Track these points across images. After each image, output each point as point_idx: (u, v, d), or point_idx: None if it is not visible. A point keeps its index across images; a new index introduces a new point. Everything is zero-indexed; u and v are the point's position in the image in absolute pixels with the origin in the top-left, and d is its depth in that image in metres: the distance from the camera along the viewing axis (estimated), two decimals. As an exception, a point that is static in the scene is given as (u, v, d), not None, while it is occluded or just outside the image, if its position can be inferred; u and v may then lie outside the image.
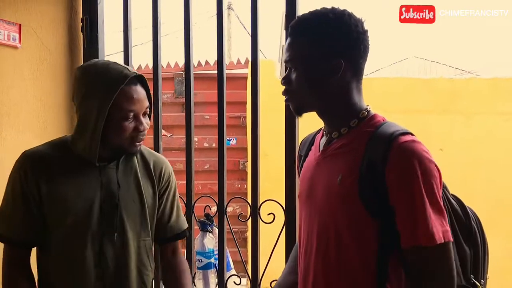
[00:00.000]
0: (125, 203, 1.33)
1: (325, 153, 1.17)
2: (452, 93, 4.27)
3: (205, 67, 5.18)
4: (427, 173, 1.02)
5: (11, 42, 1.79)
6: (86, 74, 1.28)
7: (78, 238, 1.29)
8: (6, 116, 1.79)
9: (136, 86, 1.28)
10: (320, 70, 1.10)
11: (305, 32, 1.12)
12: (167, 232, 1.46)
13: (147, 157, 1.42)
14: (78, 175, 1.30)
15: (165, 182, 1.44)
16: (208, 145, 4.94)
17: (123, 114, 1.25)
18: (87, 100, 1.25)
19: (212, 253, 1.89)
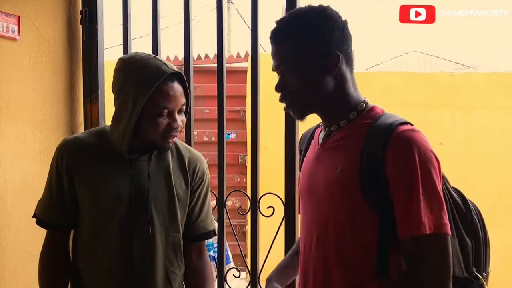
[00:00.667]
0: (154, 196, 1.32)
1: (324, 146, 1.16)
2: (452, 87, 4.27)
3: (205, 60, 5.17)
4: (425, 162, 1.01)
5: (10, 34, 1.78)
6: (125, 65, 1.28)
7: (106, 227, 1.30)
8: (5, 109, 1.79)
9: (173, 83, 1.27)
10: (316, 69, 1.09)
11: (291, 35, 1.11)
12: (195, 230, 1.43)
13: (183, 153, 1.41)
14: (109, 164, 1.32)
15: (199, 179, 1.42)
16: (207, 139, 4.94)
17: (157, 110, 1.25)
18: (124, 92, 1.26)
19: (211, 246, 1.90)
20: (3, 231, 1.77)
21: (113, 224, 1.29)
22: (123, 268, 1.30)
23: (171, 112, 1.27)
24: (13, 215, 1.79)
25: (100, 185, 1.29)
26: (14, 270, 1.80)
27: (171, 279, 1.36)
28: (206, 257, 1.49)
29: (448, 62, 9.49)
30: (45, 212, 1.35)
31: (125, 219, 1.29)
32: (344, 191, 1.08)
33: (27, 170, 1.85)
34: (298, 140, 1.84)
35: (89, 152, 1.32)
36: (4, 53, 1.78)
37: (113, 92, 1.32)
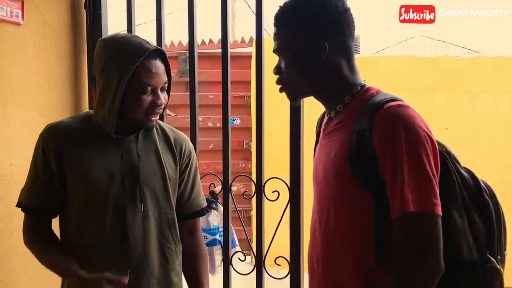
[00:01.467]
0: (145, 175, 1.33)
1: (324, 132, 1.19)
2: (457, 71, 4.23)
3: (209, 45, 5.15)
4: (412, 139, 0.99)
5: (14, 19, 1.78)
6: (107, 45, 1.29)
7: (98, 208, 1.30)
8: (10, 94, 1.79)
9: (156, 61, 1.28)
10: (307, 55, 1.11)
11: (288, 20, 1.14)
12: (187, 208, 1.46)
13: (168, 133, 1.43)
14: (97, 146, 1.32)
15: (187, 157, 1.44)
16: (212, 124, 4.94)
17: (141, 87, 1.26)
18: (107, 71, 1.27)
19: (217, 230, 1.91)
20: (10, 216, 1.78)
21: (106, 203, 1.30)
22: (118, 245, 1.31)
23: (155, 89, 1.29)
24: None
25: (90, 165, 1.30)
26: (22, 253, 1.82)
27: (167, 254, 1.38)
28: (200, 235, 1.52)
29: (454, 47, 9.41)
30: (31, 198, 1.34)
31: (118, 198, 1.30)
32: (338, 174, 1.08)
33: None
34: (302, 124, 1.84)
35: (76, 135, 1.32)
36: (8, 38, 1.77)
37: (95, 74, 1.33)
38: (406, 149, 0.98)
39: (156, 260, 1.36)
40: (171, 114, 4.79)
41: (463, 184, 1.06)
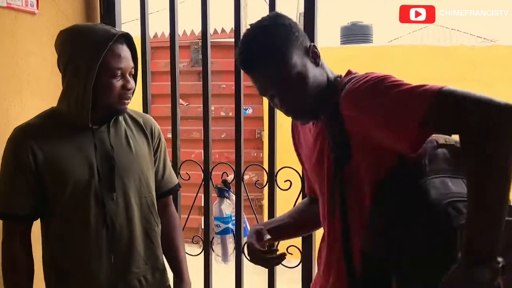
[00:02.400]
0: (120, 163, 1.35)
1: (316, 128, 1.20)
2: (472, 61, 4.18)
3: (221, 35, 5.13)
4: (368, 82, 1.00)
5: (29, 8, 1.79)
6: (71, 35, 1.29)
7: (80, 202, 1.31)
8: (26, 82, 1.81)
9: (123, 45, 1.29)
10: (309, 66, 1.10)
11: (269, 55, 1.08)
12: (162, 187, 1.50)
13: (135, 117, 1.45)
14: (71, 141, 1.31)
15: (157, 138, 1.48)
16: (224, 114, 4.95)
17: (111, 72, 1.27)
18: (74, 62, 1.26)
19: (229, 219, 1.92)
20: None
21: (87, 197, 1.30)
22: (103, 236, 1.32)
23: (124, 73, 1.29)
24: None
25: (67, 162, 1.29)
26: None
27: (151, 236, 1.42)
28: (172, 209, 1.57)
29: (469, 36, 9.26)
30: (8, 204, 1.31)
31: (97, 190, 1.31)
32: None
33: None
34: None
35: (47, 133, 1.31)
36: (23, 27, 1.79)
37: (59, 67, 1.32)
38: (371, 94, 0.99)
39: (141, 243, 1.39)
40: (183, 103, 4.81)
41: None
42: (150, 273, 1.42)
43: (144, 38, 2.08)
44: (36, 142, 1.28)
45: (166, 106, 2.39)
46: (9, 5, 1.71)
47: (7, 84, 1.74)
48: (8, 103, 1.75)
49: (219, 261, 1.97)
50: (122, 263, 1.36)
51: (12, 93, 1.76)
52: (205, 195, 2.04)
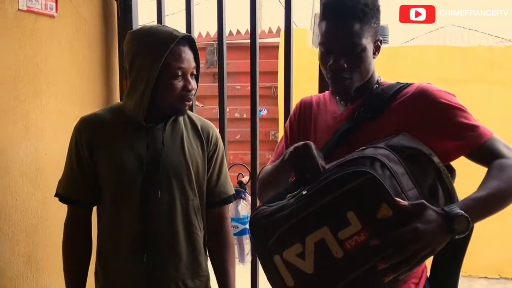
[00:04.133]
0: (170, 162, 1.36)
1: (347, 112, 1.20)
2: (490, 61, 4.12)
3: (237, 36, 5.15)
4: (447, 96, 1.10)
5: (48, 11, 1.82)
6: (136, 36, 1.33)
7: (125, 195, 1.34)
8: (45, 84, 1.84)
9: (185, 47, 1.32)
10: (370, 50, 1.15)
11: (356, 14, 1.10)
12: (215, 195, 1.47)
13: (195, 120, 1.46)
14: (127, 136, 1.36)
15: (213, 144, 1.46)
16: (239, 115, 4.96)
17: (172, 73, 1.29)
18: (137, 61, 1.30)
19: (246, 219, 1.93)
20: (45, 203, 1.84)
21: (135, 191, 1.33)
22: (146, 231, 1.34)
23: (185, 73, 1.32)
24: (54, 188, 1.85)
25: (120, 155, 1.33)
26: (57, 240, 1.88)
27: (194, 240, 1.41)
28: (228, 223, 1.53)
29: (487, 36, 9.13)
30: (68, 189, 1.38)
31: (143, 185, 1.33)
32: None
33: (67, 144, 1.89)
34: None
35: (107, 126, 1.36)
36: (43, 30, 1.82)
37: (125, 66, 1.36)
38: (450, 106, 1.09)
39: (184, 245, 1.38)
40: (199, 104, 4.83)
41: None
42: (189, 278, 1.40)
43: (160, 40, 2.10)
44: (94, 132, 1.35)
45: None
46: (29, 8, 1.75)
47: (27, 86, 1.78)
48: (28, 104, 1.78)
49: (236, 261, 1.97)
50: (157, 263, 1.36)
51: (32, 95, 1.79)
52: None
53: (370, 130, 1.13)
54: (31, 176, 1.79)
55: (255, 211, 1.06)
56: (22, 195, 1.76)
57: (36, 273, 1.82)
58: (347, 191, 0.91)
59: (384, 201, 0.88)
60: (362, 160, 0.96)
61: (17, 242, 1.75)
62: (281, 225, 0.97)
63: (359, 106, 1.17)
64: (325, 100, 1.29)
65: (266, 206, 1.04)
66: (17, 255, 1.75)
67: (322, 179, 0.96)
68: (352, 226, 0.89)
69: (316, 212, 0.94)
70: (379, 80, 1.21)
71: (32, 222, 1.80)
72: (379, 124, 1.12)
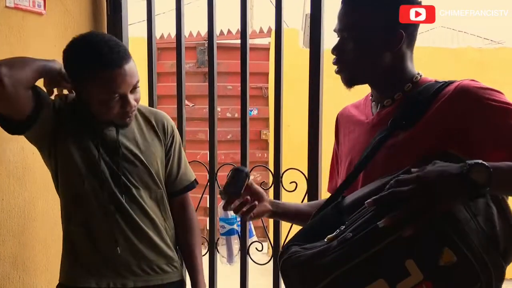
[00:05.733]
0: (128, 160, 1.38)
1: (379, 116, 1.12)
2: (480, 63, 4.16)
3: (227, 36, 5.14)
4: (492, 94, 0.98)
5: (36, 9, 1.80)
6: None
7: (90, 192, 1.35)
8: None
9: (121, 68, 1.26)
10: (378, 42, 1.07)
11: (364, 2, 1.07)
12: (178, 184, 1.52)
13: (147, 115, 1.47)
14: (81, 136, 1.36)
15: (170, 135, 1.49)
16: (230, 115, 4.95)
17: (107, 98, 1.28)
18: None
19: (234, 220, 1.91)
20: (32, 203, 1.82)
21: (95, 189, 1.35)
22: (114, 226, 1.37)
23: (123, 94, 1.30)
24: (42, 187, 1.84)
25: (76, 157, 1.34)
26: (44, 239, 1.86)
27: (161, 231, 1.45)
28: (192, 209, 1.57)
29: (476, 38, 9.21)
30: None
31: (104, 185, 1.35)
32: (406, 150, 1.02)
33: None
34: (321, 115, 1.83)
35: (69, 116, 1.37)
36: (31, 27, 1.80)
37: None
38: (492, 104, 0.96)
39: (154, 237, 1.42)
40: (189, 104, 4.81)
41: None
42: (164, 263, 1.45)
43: (150, 39, 2.09)
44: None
45: (172, 107, 2.39)
46: (16, 5, 1.72)
47: (14, 85, 1.75)
48: (15, 103, 1.75)
49: (224, 262, 1.96)
50: (134, 250, 1.39)
51: (19, 93, 1.76)
52: (210, 196, 2.04)
53: (405, 141, 1.01)
54: (18, 175, 1.77)
55: (286, 252, 0.92)
56: (8, 194, 1.74)
57: (22, 273, 1.80)
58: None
59: (446, 245, 0.78)
60: None
61: (3, 243, 1.72)
62: (326, 275, 0.83)
63: (392, 111, 1.08)
64: (363, 102, 1.22)
65: (298, 247, 0.91)
66: (3, 256, 1.73)
67: (367, 219, 0.82)
68: (412, 277, 0.78)
69: (369, 261, 0.80)
70: (417, 78, 1.10)
71: (18, 222, 1.78)
72: (415, 134, 1.01)
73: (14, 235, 1.76)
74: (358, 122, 1.19)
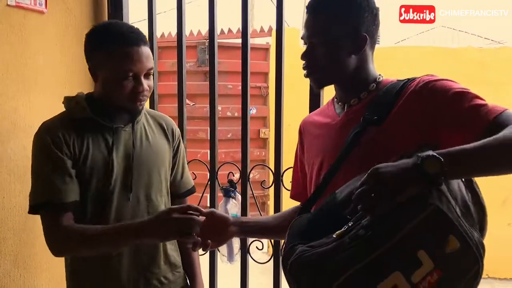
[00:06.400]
0: (139, 163, 1.37)
1: (347, 116, 1.18)
2: (480, 63, 4.16)
3: (228, 35, 5.15)
4: (451, 81, 1.08)
5: (38, 7, 1.80)
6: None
7: (101, 198, 1.33)
8: (34, 81, 1.82)
9: (139, 47, 1.27)
10: (344, 46, 1.13)
11: (328, 8, 1.14)
12: (180, 188, 1.54)
13: (158, 118, 1.49)
14: (95, 137, 1.34)
15: (177, 139, 1.51)
16: (230, 114, 4.96)
17: (121, 74, 1.27)
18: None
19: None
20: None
21: (105, 193, 1.33)
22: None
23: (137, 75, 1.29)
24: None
25: (91, 157, 1.32)
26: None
27: None
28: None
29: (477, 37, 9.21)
30: (56, 193, 1.27)
31: (114, 187, 1.33)
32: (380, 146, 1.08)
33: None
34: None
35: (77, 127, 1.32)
36: (32, 26, 1.80)
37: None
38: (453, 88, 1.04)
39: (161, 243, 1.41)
40: (190, 103, 4.81)
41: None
42: (169, 271, 1.45)
43: (151, 38, 2.09)
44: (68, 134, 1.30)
45: (172, 106, 2.39)
46: (18, 4, 1.72)
47: (16, 83, 1.75)
48: (16, 101, 1.76)
49: (225, 260, 1.96)
50: (143, 260, 1.38)
51: (20, 92, 1.77)
52: (211, 195, 2.05)
53: (378, 136, 1.08)
54: (19, 173, 1.77)
55: (292, 253, 0.94)
56: (9, 193, 1.74)
57: (23, 271, 1.80)
58: (415, 227, 0.83)
59: (450, 233, 0.84)
60: None
61: (4, 240, 1.73)
62: (343, 271, 0.85)
63: (360, 109, 1.15)
64: (326, 107, 1.30)
65: (304, 246, 0.93)
66: (3, 254, 1.73)
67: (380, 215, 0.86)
68: (425, 266, 0.83)
69: (385, 255, 0.83)
70: (380, 78, 1.19)
71: (19, 220, 1.78)
72: (386, 129, 1.08)
73: (15, 233, 1.76)
74: (323, 125, 1.25)
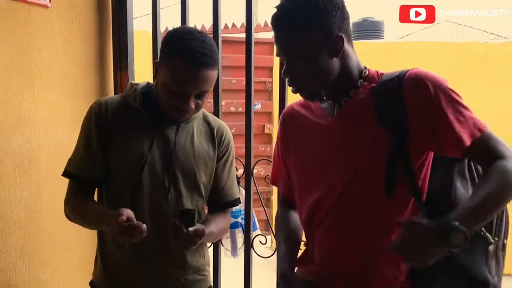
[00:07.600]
0: (179, 162, 1.36)
1: (340, 115, 1.17)
2: (486, 58, 4.13)
3: (232, 30, 5.14)
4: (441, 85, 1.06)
5: (42, 2, 1.80)
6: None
7: (132, 190, 1.34)
8: (38, 75, 1.82)
9: (202, 70, 1.25)
10: (322, 54, 1.10)
11: (293, 20, 1.09)
12: (222, 198, 1.48)
13: (211, 122, 1.46)
14: (137, 129, 1.35)
15: (225, 147, 1.46)
16: (234, 109, 4.96)
17: (172, 89, 1.27)
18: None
19: (239, 213, 1.93)
20: (38, 195, 1.83)
21: (139, 188, 1.33)
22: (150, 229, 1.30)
23: (186, 94, 1.29)
24: (47, 179, 1.85)
25: (127, 149, 1.33)
26: (50, 231, 1.87)
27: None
28: (228, 222, 1.55)
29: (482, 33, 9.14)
30: (80, 166, 1.37)
31: (150, 184, 1.33)
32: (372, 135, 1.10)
33: (59, 136, 1.90)
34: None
35: (120, 114, 1.36)
36: (36, 20, 1.80)
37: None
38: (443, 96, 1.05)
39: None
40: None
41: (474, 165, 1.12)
42: (192, 273, 1.43)
43: (155, 33, 2.08)
44: (107, 117, 1.35)
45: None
46: (22, -2, 1.72)
47: (20, 77, 1.76)
48: (21, 95, 1.76)
49: (228, 255, 1.98)
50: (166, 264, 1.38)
51: (25, 86, 1.78)
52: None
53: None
54: (24, 167, 1.78)
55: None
56: (14, 186, 1.75)
57: (28, 265, 1.81)
58: None
59: None
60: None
61: (9, 234, 1.74)
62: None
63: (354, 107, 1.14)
64: (313, 104, 1.26)
65: None
66: (9, 247, 1.74)
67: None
68: None
69: None
70: (365, 72, 1.16)
71: (24, 213, 1.79)
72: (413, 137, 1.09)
73: (20, 227, 1.78)
74: (312, 124, 1.23)
